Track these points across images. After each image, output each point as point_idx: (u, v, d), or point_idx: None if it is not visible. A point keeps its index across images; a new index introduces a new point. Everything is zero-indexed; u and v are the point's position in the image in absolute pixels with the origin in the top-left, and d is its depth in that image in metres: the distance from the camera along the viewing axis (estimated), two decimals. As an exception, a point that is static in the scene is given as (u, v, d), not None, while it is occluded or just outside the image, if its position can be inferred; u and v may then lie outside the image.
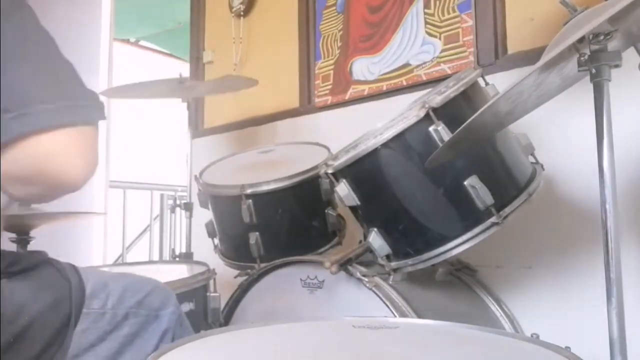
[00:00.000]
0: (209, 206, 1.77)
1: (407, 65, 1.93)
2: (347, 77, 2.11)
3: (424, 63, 1.88)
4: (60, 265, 0.87)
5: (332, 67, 2.18)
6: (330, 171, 1.32)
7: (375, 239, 1.30)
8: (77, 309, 0.84)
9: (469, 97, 1.26)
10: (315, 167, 1.57)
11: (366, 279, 1.28)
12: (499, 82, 1.29)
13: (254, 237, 1.61)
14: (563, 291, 1.51)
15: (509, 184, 1.27)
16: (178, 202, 2.24)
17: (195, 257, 2.07)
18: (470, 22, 1.76)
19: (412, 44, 1.92)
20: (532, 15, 1.63)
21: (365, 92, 2.05)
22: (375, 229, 1.31)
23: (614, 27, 0.84)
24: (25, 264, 0.82)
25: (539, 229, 1.55)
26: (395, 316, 1.21)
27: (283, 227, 1.65)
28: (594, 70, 0.87)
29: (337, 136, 1.58)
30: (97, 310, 0.88)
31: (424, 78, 1.87)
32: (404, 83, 1.93)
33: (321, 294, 1.38)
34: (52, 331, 0.80)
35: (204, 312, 1.40)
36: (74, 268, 0.88)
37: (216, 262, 1.69)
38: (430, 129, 1.19)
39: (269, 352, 0.84)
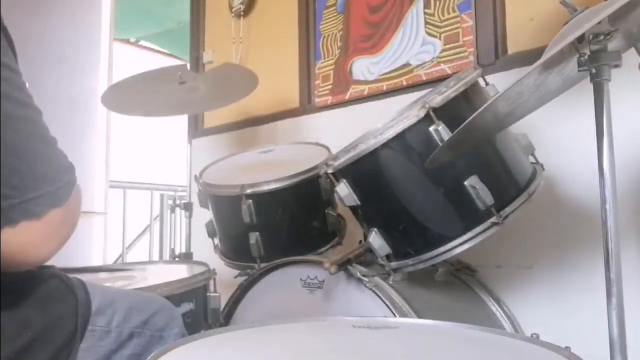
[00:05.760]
0: (209, 206, 1.76)
1: (407, 65, 1.93)
2: (347, 77, 2.11)
3: (424, 63, 1.88)
4: (68, 279, 0.85)
5: (332, 67, 2.18)
6: (330, 171, 1.33)
7: (376, 239, 1.30)
8: (82, 325, 0.82)
9: (469, 97, 1.26)
10: (315, 167, 1.57)
11: (366, 279, 1.28)
12: (499, 82, 1.29)
13: (254, 237, 1.61)
14: (563, 291, 1.51)
15: (509, 184, 1.27)
16: (178, 202, 2.24)
17: (195, 257, 2.07)
18: (470, 22, 1.76)
19: (412, 44, 1.92)
20: (532, 15, 1.63)
21: (365, 92, 2.05)
22: (376, 229, 1.31)
23: (614, 27, 0.84)
24: (32, 277, 0.81)
25: (539, 229, 1.55)
26: (395, 316, 1.20)
27: (283, 227, 1.65)
28: (594, 70, 0.87)
29: (337, 136, 1.58)
30: (102, 327, 0.86)
31: (424, 78, 1.87)
32: (404, 83, 1.93)
33: (321, 294, 1.37)
34: (56, 347, 0.78)
35: (204, 312, 1.40)
36: (81, 283, 0.86)
37: (216, 262, 1.69)
38: (431, 129, 1.19)
39: (269, 352, 0.84)
